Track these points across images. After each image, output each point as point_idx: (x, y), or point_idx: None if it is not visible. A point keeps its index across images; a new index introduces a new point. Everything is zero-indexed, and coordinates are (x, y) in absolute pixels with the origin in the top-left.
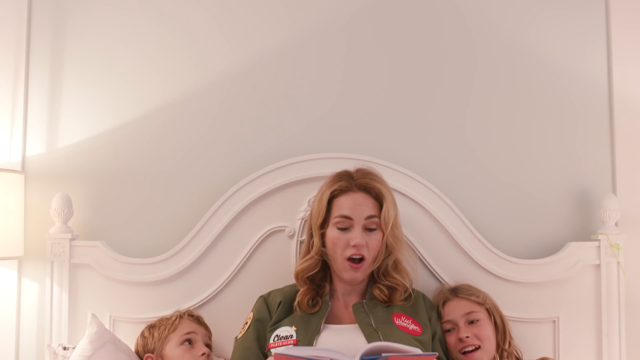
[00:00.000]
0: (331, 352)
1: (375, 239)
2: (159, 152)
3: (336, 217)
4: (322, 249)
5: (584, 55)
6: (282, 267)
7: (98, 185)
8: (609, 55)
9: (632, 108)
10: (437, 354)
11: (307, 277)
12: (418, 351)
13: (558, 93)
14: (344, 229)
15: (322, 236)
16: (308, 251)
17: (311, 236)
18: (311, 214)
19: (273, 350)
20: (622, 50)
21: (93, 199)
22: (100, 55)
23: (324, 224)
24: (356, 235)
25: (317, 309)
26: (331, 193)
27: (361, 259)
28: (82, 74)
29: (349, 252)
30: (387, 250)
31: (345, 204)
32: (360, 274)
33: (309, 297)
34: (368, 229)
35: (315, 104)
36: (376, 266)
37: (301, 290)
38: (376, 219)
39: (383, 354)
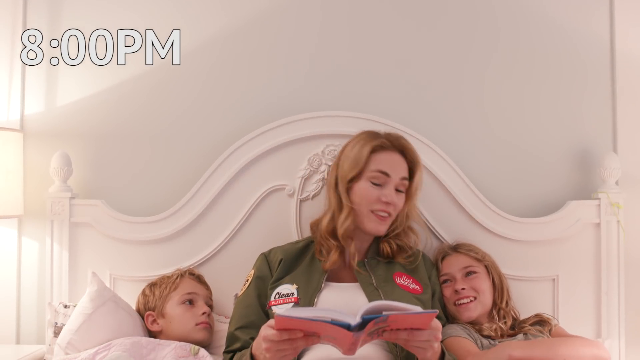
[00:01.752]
0: (332, 312)
1: (401, 199)
2: (157, 111)
3: (374, 170)
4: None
5: (588, 14)
6: (282, 226)
7: (97, 144)
8: (611, 14)
9: (634, 67)
10: (437, 311)
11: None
12: (418, 309)
13: (560, 52)
14: (377, 185)
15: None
16: (339, 209)
17: (338, 192)
18: (338, 169)
19: (274, 309)
20: (624, 10)
21: (92, 158)
22: (97, 15)
23: (353, 178)
24: (390, 192)
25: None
26: (372, 148)
27: (387, 215)
28: (80, 32)
29: (377, 207)
30: (407, 216)
31: (385, 160)
32: (383, 228)
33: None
34: (397, 190)
35: (317, 62)
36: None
37: (332, 246)
38: (406, 182)
39: (384, 313)
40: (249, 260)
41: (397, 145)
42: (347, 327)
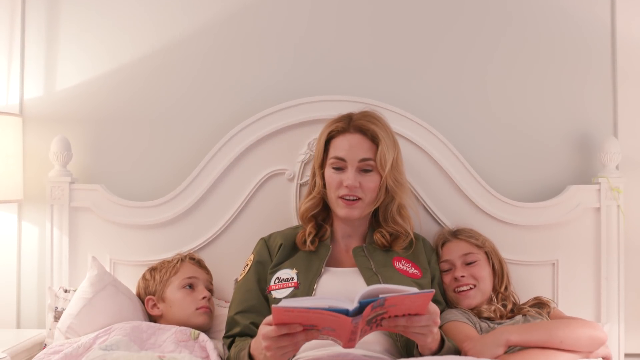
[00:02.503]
0: (329, 299)
1: (370, 180)
2: (155, 95)
3: (331, 158)
4: (323, 189)
5: None
6: (282, 210)
7: (96, 129)
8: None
9: (635, 52)
10: (433, 291)
11: (311, 216)
12: (415, 290)
13: (562, 36)
14: (338, 169)
15: (323, 176)
16: (311, 191)
17: (314, 176)
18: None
19: (274, 293)
20: None
21: (92, 143)
22: (96, 0)
23: (323, 164)
24: (349, 176)
25: (314, 247)
26: (328, 134)
27: (355, 199)
28: (78, 18)
29: (342, 192)
30: (389, 194)
31: (341, 146)
32: (356, 212)
33: (312, 236)
34: (363, 170)
35: (317, 46)
36: (375, 207)
37: (305, 227)
38: (371, 162)
39: (380, 296)
40: (249, 244)
41: (355, 126)
42: (345, 312)
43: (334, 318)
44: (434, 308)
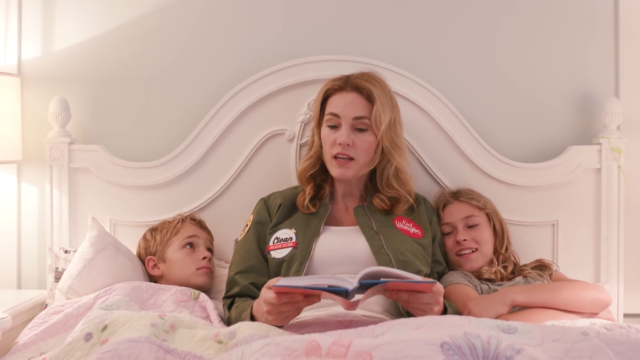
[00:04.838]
0: (329, 279)
1: (364, 140)
2: (153, 56)
3: (327, 114)
4: (320, 149)
5: None
6: (282, 171)
7: (95, 89)
8: None
9: (638, 12)
10: (436, 282)
11: (309, 176)
12: (417, 278)
13: None
14: (333, 127)
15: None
16: (309, 151)
17: (314, 136)
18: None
19: (272, 253)
20: None
21: (90, 103)
22: None
23: (320, 123)
24: (342, 133)
25: (315, 209)
26: (325, 92)
27: (347, 158)
28: None
29: (335, 150)
30: (385, 157)
31: (336, 103)
32: (350, 172)
33: (310, 197)
34: (358, 129)
35: (319, 5)
36: (370, 168)
37: (305, 188)
38: (366, 120)
39: (382, 279)
40: (250, 204)
41: (352, 84)
42: (345, 292)
43: (334, 296)
44: (438, 288)
